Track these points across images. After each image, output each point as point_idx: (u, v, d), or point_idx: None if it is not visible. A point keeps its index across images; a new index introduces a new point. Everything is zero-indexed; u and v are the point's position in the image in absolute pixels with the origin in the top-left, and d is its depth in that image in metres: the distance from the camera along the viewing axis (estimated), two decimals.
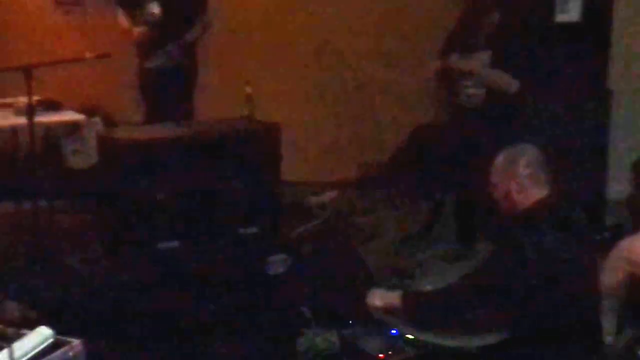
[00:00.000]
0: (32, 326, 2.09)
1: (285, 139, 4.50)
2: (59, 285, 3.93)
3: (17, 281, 3.85)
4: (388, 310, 2.98)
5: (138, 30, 5.18)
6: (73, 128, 5.18)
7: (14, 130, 4.72)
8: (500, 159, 2.94)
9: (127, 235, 4.11)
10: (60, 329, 2.14)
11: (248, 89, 4.55)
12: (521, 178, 2.84)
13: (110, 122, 5.72)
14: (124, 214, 4.12)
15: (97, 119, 5.59)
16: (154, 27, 5.15)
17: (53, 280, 3.99)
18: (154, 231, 4.10)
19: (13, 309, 3.29)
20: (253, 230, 4.34)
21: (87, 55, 4.43)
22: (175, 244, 4.12)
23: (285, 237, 4.60)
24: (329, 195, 5.64)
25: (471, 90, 4.43)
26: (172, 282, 3.92)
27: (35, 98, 4.38)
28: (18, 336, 1.98)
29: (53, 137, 5.30)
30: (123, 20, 5.29)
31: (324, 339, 3.00)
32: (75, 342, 2.05)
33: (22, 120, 4.37)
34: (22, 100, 4.39)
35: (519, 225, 2.81)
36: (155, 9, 5.14)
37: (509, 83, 4.36)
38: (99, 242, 4.46)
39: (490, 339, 2.76)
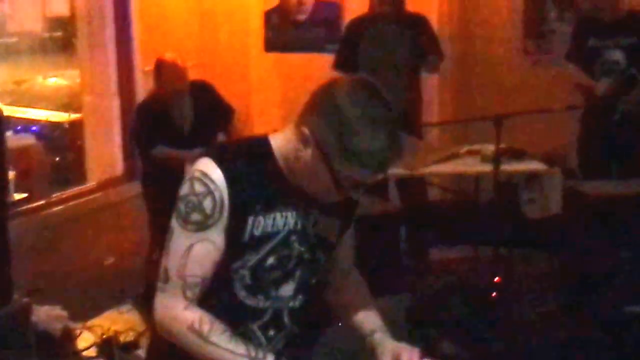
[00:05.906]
0: None
1: None
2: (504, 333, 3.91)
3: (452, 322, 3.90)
4: None
5: (602, 84, 4.93)
6: (531, 177, 5.18)
7: (477, 176, 4.89)
8: None
9: (589, 293, 3.97)
10: None
11: None
12: None
13: (569, 173, 5.61)
14: (584, 270, 3.99)
15: (556, 169, 5.52)
16: (619, 75, 4.89)
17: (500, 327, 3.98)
18: (618, 293, 3.89)
19: (448, 348, 3.51)
20: None
21: (556, 108, 4.37)
22: None
23: None
24: None
25: None
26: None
27: (502, 146, 4.46)
28: None
29: (511, 185, 5.36)
30: (578, 74, 5.10)
31: None
32: None
33: (486, 168, 4.50)
34: (489, 147, 4.51)
35: None
36: (616, 55, 4.89)
37: None
38: (553, 296, 4.36)
39: None
